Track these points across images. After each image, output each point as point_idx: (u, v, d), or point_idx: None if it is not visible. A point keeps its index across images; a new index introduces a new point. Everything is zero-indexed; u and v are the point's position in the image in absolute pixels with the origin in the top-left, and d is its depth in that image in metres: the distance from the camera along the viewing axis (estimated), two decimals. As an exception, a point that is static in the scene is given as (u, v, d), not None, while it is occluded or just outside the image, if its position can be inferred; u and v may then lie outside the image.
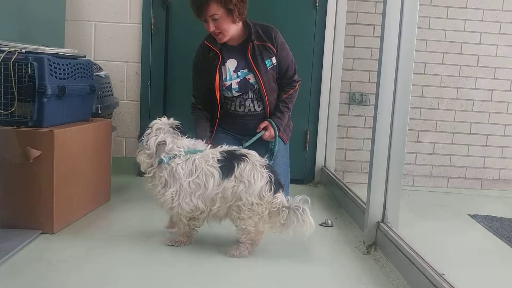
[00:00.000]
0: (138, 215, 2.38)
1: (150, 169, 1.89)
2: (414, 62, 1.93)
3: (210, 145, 1.99)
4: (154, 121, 1.94)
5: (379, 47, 1.97)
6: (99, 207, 2.46)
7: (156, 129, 1.90)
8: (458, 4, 3.41)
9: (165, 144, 1.87)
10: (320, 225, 2.38)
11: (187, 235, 1.97)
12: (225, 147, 1.95)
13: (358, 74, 3.44)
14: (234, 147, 1.97)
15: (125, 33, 3.19)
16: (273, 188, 1.84)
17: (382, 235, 1.95)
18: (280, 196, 1.86)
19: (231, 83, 2.41)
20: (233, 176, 1.83)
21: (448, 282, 1.42)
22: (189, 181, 1.83)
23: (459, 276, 1.47)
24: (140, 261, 1.84)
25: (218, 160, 1.85)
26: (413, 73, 1.93)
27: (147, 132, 1.90)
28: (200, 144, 1.97)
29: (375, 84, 2.00)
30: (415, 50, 1.93)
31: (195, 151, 1.90)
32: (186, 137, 1.95)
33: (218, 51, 2.38)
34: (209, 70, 2.41)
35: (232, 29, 2.34)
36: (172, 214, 1.95)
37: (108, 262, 1.81)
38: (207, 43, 2.40)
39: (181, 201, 1.84)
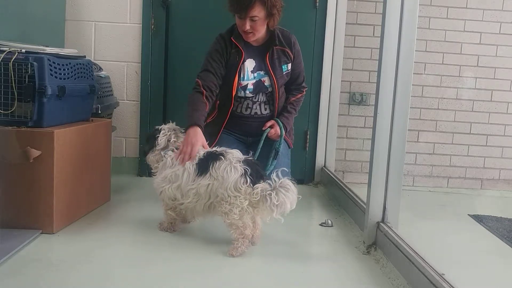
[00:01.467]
0: (138, 215, 2.38)
1: (156, 165, 2.11)
2: (414, 62, 1.93)
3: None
4: (163, 125, 2.17)
5: (379, 47, 1.97)
6: (99, 207, 2.46)
7: (167, 130, 2.14)
8: (458, 4, 3.41)
9: (170, 140, 2.11)
10: (320, 225, 2.38)
11: (171, 222, 2.13)
12: (217, 148, 2.04)
13: (358, 74, 3.44)
14: (221, 148, 2.03)
15: (125, 33, 3.19)
16: (249, 180, 1.86)
17: (382, 235, 1.95)
18: (261, 185, 1.86)
19: (247, 83, 2.41)
20: (208, 174, 1.93)
21: (448, 282, 1.43)
22: (171, 172, 2.00)
23: (459, 276, 1.47)
24: (140, 260, 1.84)
25: (199, 158, 1.98)
26: (413, 73, 1.93)
27: (160, 133, 2.12)
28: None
29: (375, 84, 2.01)
30: (415, 50, 1.93)
31: None
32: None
33: (242, 49, 2.37)
34: (228, 65, 2.38)
35: (263, 32, 2.35)
36: (160, 198, 2.10)
37: (108, 262, 1.81)
38: (233, 40, 2.36)
39: (165, 187, 2.01)
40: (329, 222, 2.39)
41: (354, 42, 3.41)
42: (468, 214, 2.87)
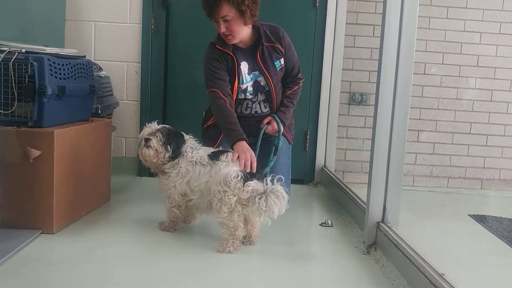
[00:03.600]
0: (138, 215, 2.38)
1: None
2: (414, 62, 1.93)
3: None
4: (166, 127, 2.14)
5: (379, 47, 1.97)
6: (99, 207, 2.46)
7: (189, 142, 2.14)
8: (458, 4, 3.41)
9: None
10: (320, 225, 2.38)
11: (172, 221, 2.13)
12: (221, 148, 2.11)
13: (358, 74, 3.44)
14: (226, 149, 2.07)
15: (125, 33, 3.19)
16: (239, 175, 1.87)
17: (382, 235, 1.95)
18: (253, 184, 1.86)
19: (247, 86, 2.40)
20: (207, 171, 1.98)
21: (448, 282, 1.43)
22: (184, 166, 2.03)
23: (459, 276, 1.47)
24: (140, 260, 1.84)
25: (207, 155, 2.04)
26: (413, 73, 1.93)
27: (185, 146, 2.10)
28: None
29: (375, 84, 2.01)
30: (415, 50, 1.93)
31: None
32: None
33: (232, 54, 2.34)
34: (227, 71, 2.35)
35: (243, 32, 2.32)
36: (166, 195, 2.10)
37: (108, 262, 1.81)
38: (219, 47, 2.34)
39: (177, 183, 2.03)
40: (329, 222, 2.39)
41: (354, 42, 3.41)
42: (468, 214, 2.87)
